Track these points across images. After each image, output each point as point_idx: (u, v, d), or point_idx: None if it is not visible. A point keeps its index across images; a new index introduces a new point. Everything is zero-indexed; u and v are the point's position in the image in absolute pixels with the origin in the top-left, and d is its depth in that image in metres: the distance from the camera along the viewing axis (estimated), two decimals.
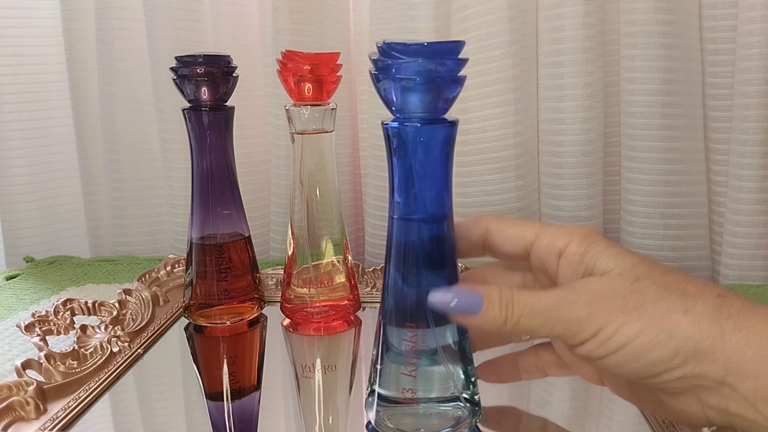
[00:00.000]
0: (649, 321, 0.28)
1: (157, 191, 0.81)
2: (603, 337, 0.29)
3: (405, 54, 0.32)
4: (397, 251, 0.36)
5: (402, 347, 0.36)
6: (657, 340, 0.28)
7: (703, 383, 0.28)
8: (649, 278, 0.30)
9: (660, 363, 0.28)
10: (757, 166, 0.62)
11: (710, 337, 0.28)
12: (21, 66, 0.81)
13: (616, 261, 0.31)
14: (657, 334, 0.28)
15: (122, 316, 0.55)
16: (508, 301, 0.31)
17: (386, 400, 0.37)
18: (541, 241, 0.34)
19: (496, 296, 0.31)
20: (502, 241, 0.35)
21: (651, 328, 0.28)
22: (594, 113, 0.67)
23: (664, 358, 0.28)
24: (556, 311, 0.30)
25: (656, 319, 0.28)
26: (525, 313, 0.30)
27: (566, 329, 0.30)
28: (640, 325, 0.28)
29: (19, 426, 0.39)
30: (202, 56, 0.52)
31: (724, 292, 0.30)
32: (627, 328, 0.28)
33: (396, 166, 0.35)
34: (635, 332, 0.28)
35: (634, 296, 0.29)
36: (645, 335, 0.28)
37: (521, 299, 0.31)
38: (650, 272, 0.30)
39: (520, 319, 0.30)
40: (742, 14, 0.61)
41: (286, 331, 0.56)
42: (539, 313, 0.30)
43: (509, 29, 0.66)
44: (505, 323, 0.31)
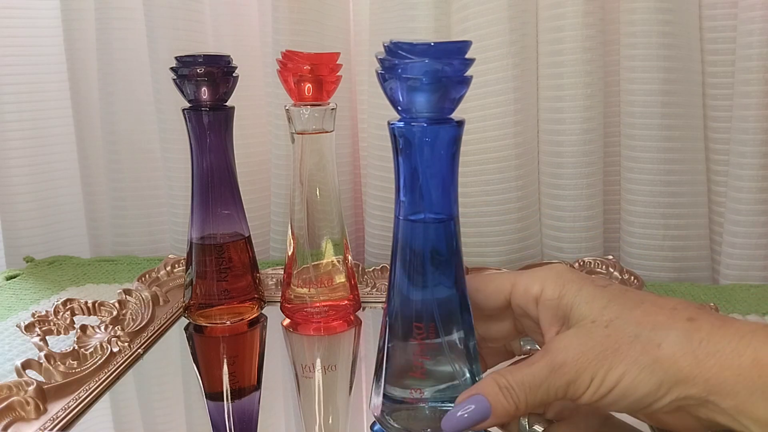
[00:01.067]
0: (629, 362, 0.31)
1: (157, 191, 0.81)
2: (594, 387, 0.31)
3: (412, 54, 0.32)
4: (403, 251, 0.36)
5: (410, 347, 0.36)
6: (639, 378, 0.30)
7: (690, 403, 0.30)
8: (620, 318, 0.32)
9: (647, 397, 0.31)
10: (757, 166, 0.62)
11: (687, 365, 0.30)
12: (21, 66, 0.81)
13: (588, 307, 0.33)
14: (639, 373, 0.30)
15: (122, 316, 0.55)
16: (508, 388, 0.33)
17: (392, 400, 0.37)
18: (517, 290, 0.36)
19: (496, 390, 0.33)
20: (484, 298, 0.38)
21: (632, 369, 0.31)
22: (594, 113, 0.67)
23: (650, 392, 0.30)
24: (551, 380, 0.32)
25: (635, 359, 0.31)
26: (527, 393, 0.32)
27: (565, 391, 0.32)
28: (622, 368, 0.31)
29: (19, 426, 0.39)
30: (202, 56, 0.52)
31: (694, 314, 0.31)
32: (612, 373, 0.31)
33: (402, 166, 0.35)
34: (619, 375, 0.31)
35: (610, 341, 0.31)
36: (628, 376, 0.31)
37: (517, 380, 0.33)
38: (621, 312, 0.32)
39: (528, 399, 0.32)
40: (742, 14, 0.61)
41: (286, 331, 0.56)
42: (538, 388, 0.32)
43: (509, 29, 0.66)
44: (517, 409, 0.32)
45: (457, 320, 0.36)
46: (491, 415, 0.32)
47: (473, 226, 0.71)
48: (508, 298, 0.37)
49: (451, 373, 0.36)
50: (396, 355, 0.37)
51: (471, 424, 0.33)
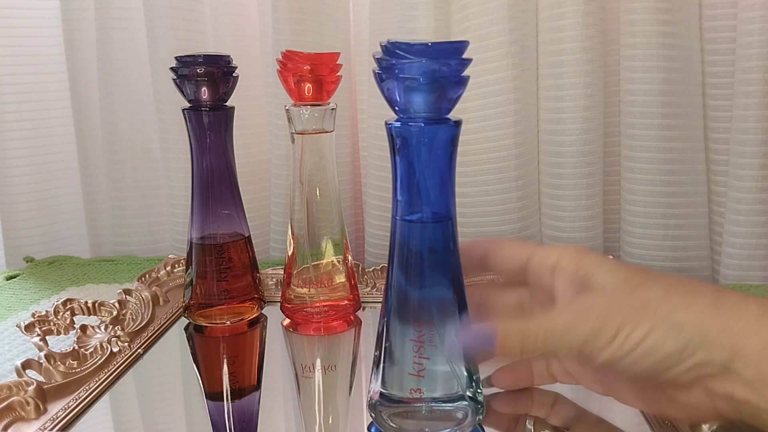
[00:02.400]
0: (657, 319, 0.30)
1: (157, 191, 0.81)
2: (618, 341, 0.31)
3: (409, 54, 0.32)
4: (401, 252, 0.36)
5: (408, 347, 0.36)
6: (666, 336, 0.30)
7: (711, 371, 0.30)
8: (648, 283, 0.32)
9: (671, 357, 0.30)
10: (757, 166, 0.62)
11: (714, 327, 0.30)
12: (21, 66, 0.81)
13: (611, 275, 0.33)
14: (666, 331, 0.30)
15: (122, 316, 0.55)
16: (521, 330, 0.32)
17: (390, 400, 0.37)
18: (535, 257, 0.36)
19: (508, 328, 0.33)
20: (501, 259, 0.38)
21: (660, 326, 0.30)
22: (594, 113, 0.67)
23: (675, 352, 0.30)
24: (572, 326, 0.32)
25: (663, 316, 0.30)
26: (542, 335, 0.32)
27: (584, 341, 0.31)
28: (649, 325, 0.30)
29: (19, 426, 0.39)
30: (202, 56, 0.52)
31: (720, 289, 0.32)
32: (638, 329, 0.30)
33: (399, 166, 0.35)
34: (646, 331, 0.30)
35: (638, 300, 0.31)
36: (655, 333, 0.30)
37: (534, 325, 0.33)
38: (646, 279, 0.32)
39: (537, 342, 0.32)
40: (742, 14, 0.61)
41: (286, 331, 0.56)
42: (556, 331, 0.32)
43: (509, 29, 0.66)
44: (521, 353, 0.32)
45: (455, 320, 0.36)
46: (495, 350, 0.33)
47: (473, 226, 0.71)
48: (524, 265, 0.37)
49: (449, 372, 0.36)
50: (394, 355, 0.37)
51: (477, 347, 0.34)
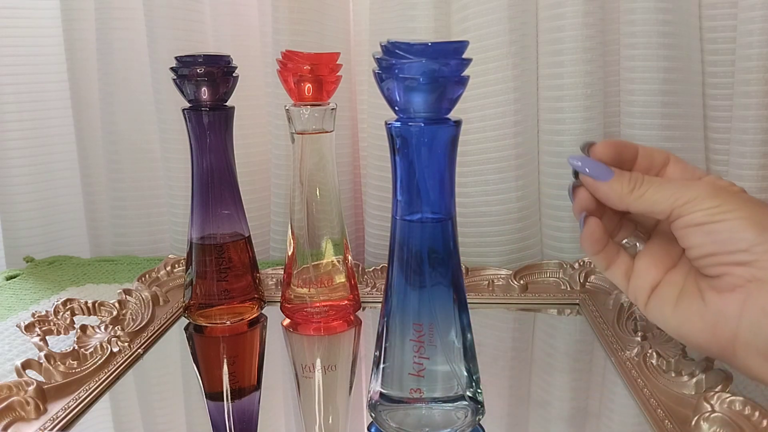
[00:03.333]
0: (755, 215, 0.35)
1: (157, 191, 0.81)
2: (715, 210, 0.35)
3: (409, 53, 0.32)
4: (400, 252, 0.36)
5: (408, 347, 0.36)
6: (753, 226, 0.34)
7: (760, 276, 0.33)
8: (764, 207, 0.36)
9: (744, 241, 0.34)
10: (757, 166, 0.62)
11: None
12: (21, 66, 0.81)
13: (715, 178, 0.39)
14: (755, 224, 0.34)
15: (122, 316, 0.55)
16: (637, 177, 0.38)
17: (390, 400, 0.37)
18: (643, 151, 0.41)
19: (626, 174, 0.38)
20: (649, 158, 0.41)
21: (753, 218, 0.34)
22: (594, 113, 0.67)
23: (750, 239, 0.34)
24: (683, 188, 0.36)
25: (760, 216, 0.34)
26: (654, 185, 0.37)
27: (686, 203, 0.36)
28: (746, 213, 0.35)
29: (19, 426, 0.39)
30: (202, 56, 0.52)
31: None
32: (736, 211, 0.35)
33: (399, 166, 0.35)
34: (741, 215, 0.35)
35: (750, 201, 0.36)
36: (746, 220, 0.34)
37: (650, 178, 0.38)
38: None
39: (647, 191, 0.37)
40: (742, 14, 0.61)
41: (286, 331, 0.56)
42: (667, 187, 0.37)
43: (509, 29, 0.66)
44: (631, 193, 0.37)
45: (455, 320, 0.36)
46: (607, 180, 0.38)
47: (473, 226, 0.71)
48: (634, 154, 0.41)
49: (449, 372, 0.36)
50: (394, 355, 0.37)
51: (590, 172, 0.39)
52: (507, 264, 0.69)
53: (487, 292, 0.61)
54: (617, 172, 0.38)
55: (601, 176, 0.38)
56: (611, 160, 0.40)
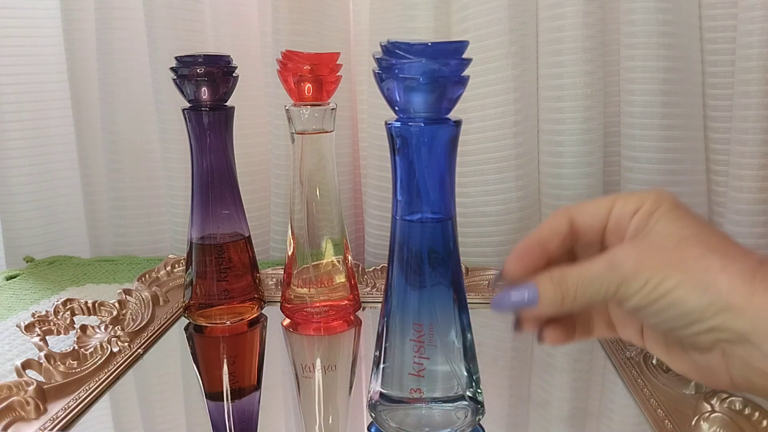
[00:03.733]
0: (688, 275, 0.31)
1: (157, 191, 0.81)
2: (647, 290, 0.31)
3: (409, 53, 0.32)
4: (400, 251, 0.36)
5: (408, 347, 0.36)
6: (692, 292, 0.31)
7: (729, 337, 0.30)
8: (694, 237, 0.32)
9: (693, 313, 0.31)
10: (757, 166, 0.62)
11: (742, 295, 0.30)
12: (21, 66, 0.81)
13: (671, 225, 0.33)
14: (693, 288, 0.31)
15: (122, 316, 0.55)
16: (560, 280, 0.33)
17: (390, 400, 0.37)
18: (617, 204, 0.35)
19: (547, 280, 0.33)
20: (588, 216, 0.36)
21: (689, 281, 0.31)
22: (594, 113, 0.67)
23: (697, 309, 0.30)
24: (605, 276, 0.32)
25: (694, 274, 0.31)
26: (579, 285, 0.33)
27: (617, 289, 0.32)
28: (679, 278, 0.31)
29: (19, 426, 0.39)
30: (202, 56, 0.52)
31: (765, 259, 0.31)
32: (667, 281, 0.31)
33: (399, 166, 0.35)
34: (674, 285, 0.31)
35: (676, 254, 0.31)
36: (683, 287, 0.31)
37: (572, 274, 0.33)
38: (697, 234, 0.32)
39: (577, 293, 0.33)
40: (742, 14, 0.61)
41: (286, 331, 0.56)
42: (592, 281, 0.33)
43: (509, 29, 0.66)
44: (563, 302, 0.33)
45: (455, 320, 0.36)
46: (538, 302, 0.33)
47: (473, 226, 0.71)
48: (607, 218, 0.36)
49: (449, 372, 0.36)
50: (394, 355, 0.37)
51: (518, 307, 0.34)
52: None
53: (487, 292, 0.61)
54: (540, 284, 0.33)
55: (528, 304, 0.34)
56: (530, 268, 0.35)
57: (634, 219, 0.34)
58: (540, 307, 0.33)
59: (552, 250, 0.36)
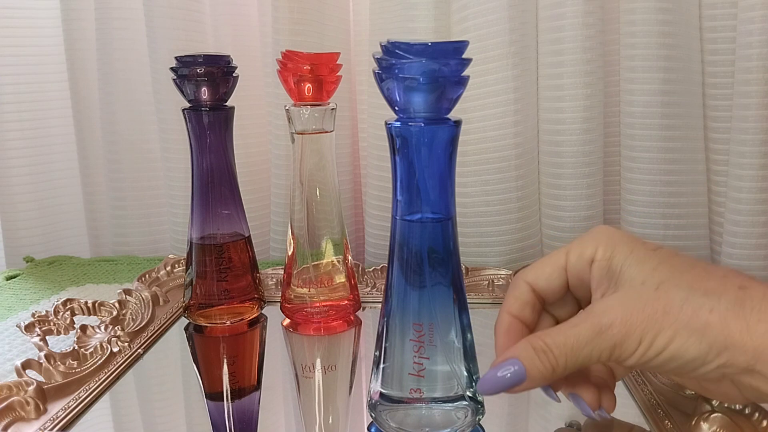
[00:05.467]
0: (680, 325, 0.30)
1: (157, 191, 0.81)
2: (642, 349, 0.31)
3: (409, 53, 0.32)
4: (400, 251, 0.36)
5: (408, 347, 0.36)
6: (689, 342, 0.30)
7: (736, 371, 0.30)
8: (671, 281, 0.31)
9: (695, 361, 0.30)
10: (757, 166, 0.62)
11: (738, 331, 0.29)
12: (21, 66, 0.81)
13: (639, 269, 0.32)
14: (689, 337, 0.30)
15: (122, 316, 0.55)
16: (545, 351, 0.32)
17: (390, 400, 0.37)
18: (571, 257, 0.35)
19: (530, 352, 0.32)
20: (545, 281, 0.35)
21: (682, 333, 0.30)
22: (594, 113, 0.67)
23: (699, 356, 0.30)
24: (596, 342, 0.31)
25: (685, 322, 0.30)
26: (569, 353, 0.31)
27: (610, 353, 0.31)
28: (671, 332, 0.30)
29: (19, 426, 0.39)
30: (202, 56, 0.52)
31: (745, 282, 0.31)
32: (661, 337, 0.30)
33: (399, 166, 0.35)
34: (668, 339, 0.30)
35: (660, 303, 0.31)
36: (678, 339, 0.30)
37: (557, 342, 0.32)
38: (671, 274, 0.32)
39: (567, 362, 0.32)
40: (742, 14, 0.61)
41: (286, 331, 0.56)
42: (581, 349, 0.31)
43: (509, 29, 0.66)
44: (554, 372, 0.32)
45: (455, 320, 0.36)
46: (527, 379, 0.32)
47: (473, 226, 0.71)
48: (565, 273, 0.35)
49: (449, 372, 0.36)
50: (394, 355, 0.37)
51: (506, 387, 0.32)
52: (507, 264, 0.69)
53: (487, 292, 0.61)
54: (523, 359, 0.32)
55: (518, 378, 0.32)
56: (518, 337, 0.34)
57: (594, 269, 0.34)
58: (530, 383, 0.32)
59: (528, 318, 0.36)
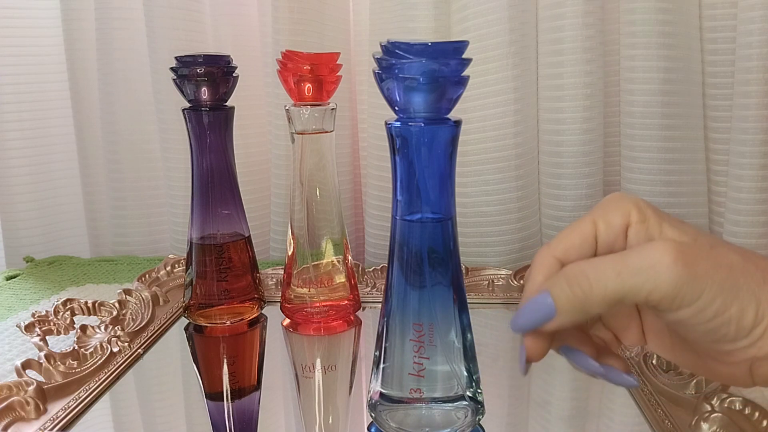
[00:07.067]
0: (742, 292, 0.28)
1: (157, 191, 0.81)
2: (701, 305, 0.27)
3: (409, 53, 0.32)
4: (400, 251, 0.36)
5: (408, 347, 0.36)
6: (747, 310, 0.28)
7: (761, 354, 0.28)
8: (722, 245, 0.29)
9: (744, 329, 0.28)
10: (757, 166, 0.62)
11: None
12: (21, 66, 0.81)
13: (680, 232, 0.30)
14: (749, 302, 0.28)
15: (122, 316, 0.55)
16: (577, 277, 0.28)
17: (390, 400, 0.37)
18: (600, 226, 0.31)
19: (561, 280, 0.28)
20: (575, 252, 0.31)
21: (743, 300, 0.28)
22: (594, 113, 0.67)
23: (750, 325, 0.28)
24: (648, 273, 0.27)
25: (746, 290, 0.28)
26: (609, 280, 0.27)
27: (665, 294, 0.27)
28: (732, 297, 0.28)
29: (19, 426, 0.39)
30: (202, 56, 0.52)
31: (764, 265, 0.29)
32: (721, 300, 0.27)
33: (399, 166, 0.35)
34: (729, 303, 0.27)
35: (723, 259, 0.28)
36: (737, 306, 0.28)
37: (594, 266, 0.28)
38: (715, 241, 0.30)
39: (607, 291, 0.27)
40: (742, 14, 0.61)
41: (286, 331, 0.56)
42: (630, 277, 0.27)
43: (509, 29, 0.66)
44: (585, 304, 0.28)
45: (455, 320, 0.36)
46: (556, 315, 0.28)
47: (473, 226, 0.71)
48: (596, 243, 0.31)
49: (449, 372, 0.36)
50: (394, 355, 0.37)
51: (536, 322, 0.29)
52: (507, 264, 0.69)
53: (487, 292, 0.61)
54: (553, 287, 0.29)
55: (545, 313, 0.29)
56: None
57: (631, 234, 0.31)
58: (560, 319, 0.29)
59: None
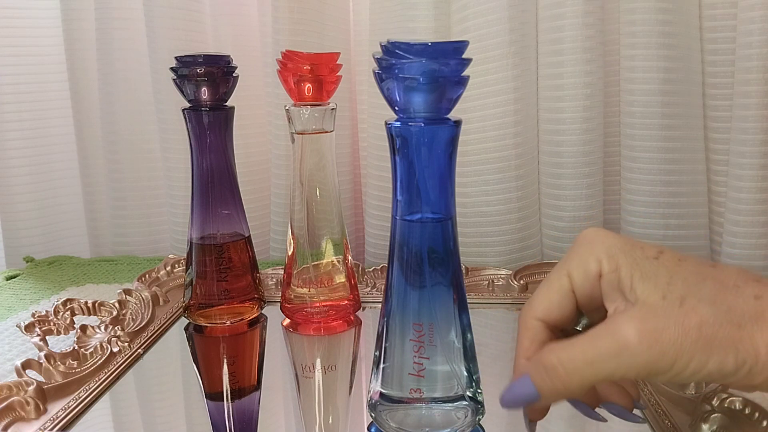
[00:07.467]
0: (716, 344, 0.29)
1: (157, 191, 0.81)
2: (676, 370, 0.29)
3: (409, 53, 0.32)
4: (400, 251, 0.36)
5: (408, 347, 0.36)
6: (727, 359, 0.29)
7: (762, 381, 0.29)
8: (693, 296, 0.30)
9: (729, 375, 0.29)
10: (757, 166, 0.62)
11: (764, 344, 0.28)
12: (21, 66, 0.81)
13: (652, 283, 0.30)
14: (726, 354, 0.28)
15: (122, 316, 0.55)
16: (554, 367, 0.30)
17: (390, 400, 0.37)
18: (576, 278, 0.32)
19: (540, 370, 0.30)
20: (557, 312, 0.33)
21: (719, 351, 0.29)
22: (594, 113, 0.67)
23: (733, 371, 0.29)
24: (619, 358, 0.29)
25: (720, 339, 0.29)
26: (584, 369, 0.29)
27: (638, 371, 0.29)
28: (709, 351, 0.29)
29: (19, 426, 0.39)
30: (202, 56, 0.52)
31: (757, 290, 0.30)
32: (697, 358, 0.29)
33: (399, 166, 0.35)
34: (705, 361, 0.29)
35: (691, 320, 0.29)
36: (716, 358, 0.29)
37: (572, 357, 0.29)
38: (688, 288, 0.30)
39: (584, 378, 0.29)
40: (742, 14, 0.61)
41: (286, 331, 0.56)
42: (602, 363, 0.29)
43: (509, 29, 0.66)
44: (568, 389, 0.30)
45: (455, 320, 0.36)
46: (540, 398, 0.30)
47: (473, 226, 0.71)
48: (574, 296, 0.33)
49: (449, 372, 0.36)
50: (394, 355, 0.37)
51: (522, 404, 0.31)
52: (507, 264, 0.69)
53: (487, 292, 0.61)
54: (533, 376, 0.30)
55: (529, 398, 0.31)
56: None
57: (603, 284, 0.31)
58: (545, 400, 0.30)
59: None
